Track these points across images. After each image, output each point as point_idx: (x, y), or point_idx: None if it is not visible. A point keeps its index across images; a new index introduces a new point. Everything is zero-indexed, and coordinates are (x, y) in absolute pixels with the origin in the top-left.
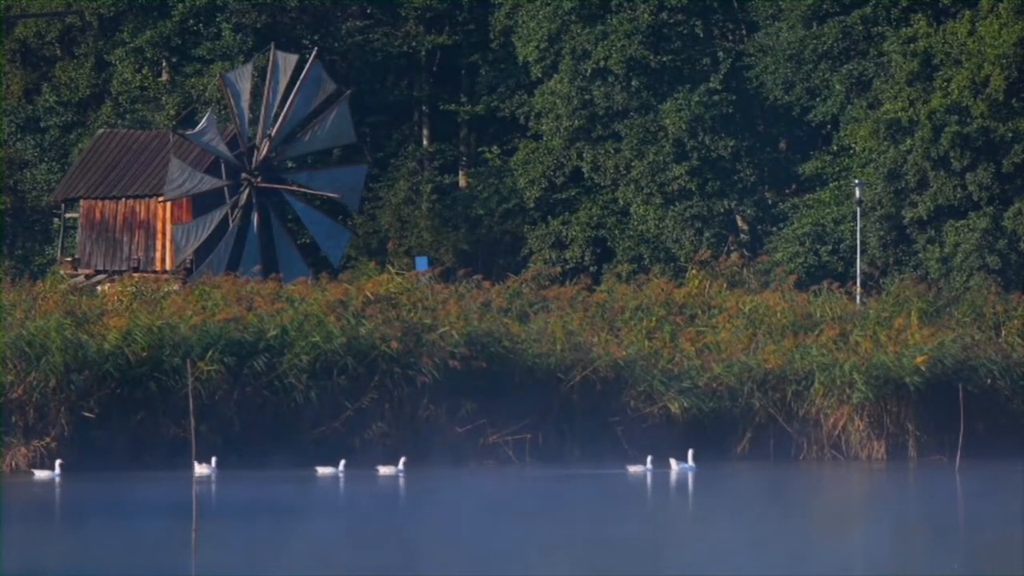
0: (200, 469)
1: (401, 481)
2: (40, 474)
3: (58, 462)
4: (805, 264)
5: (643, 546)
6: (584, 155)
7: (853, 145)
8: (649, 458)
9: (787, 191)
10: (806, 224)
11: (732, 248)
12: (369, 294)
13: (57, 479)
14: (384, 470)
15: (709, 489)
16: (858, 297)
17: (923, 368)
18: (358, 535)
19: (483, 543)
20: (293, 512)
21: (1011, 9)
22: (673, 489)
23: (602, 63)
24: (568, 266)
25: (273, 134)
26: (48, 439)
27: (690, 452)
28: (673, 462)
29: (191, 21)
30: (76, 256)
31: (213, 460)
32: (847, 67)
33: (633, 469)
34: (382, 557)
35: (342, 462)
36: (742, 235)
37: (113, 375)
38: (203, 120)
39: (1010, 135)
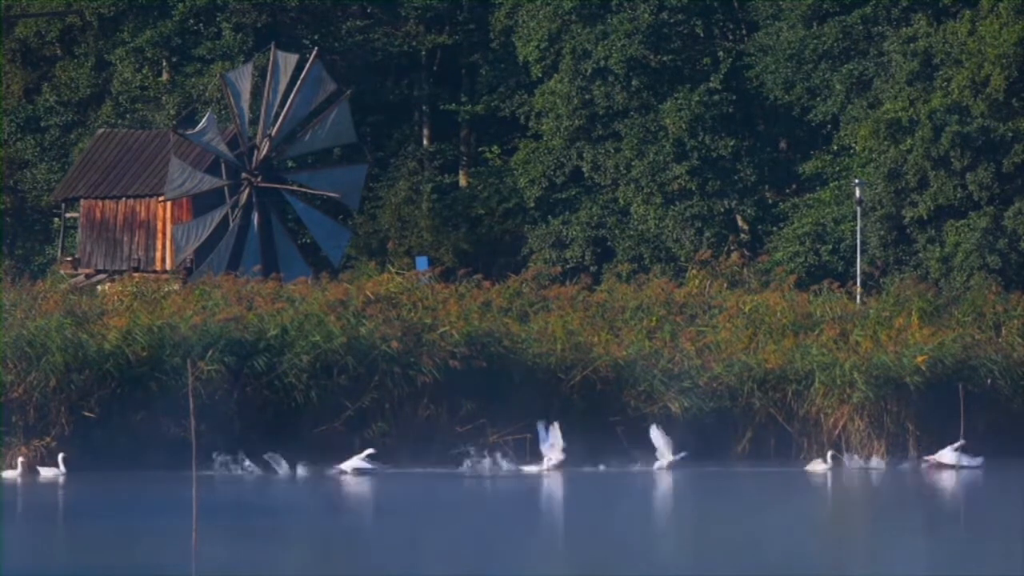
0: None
1: (549, 478)
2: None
3: (288, 455)
4: (805, 264)
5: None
6: (584, 155)
7: (853, 145)
8: (829, 454)
9: (787, 191)
10: (806, 224)
11: (732, 248)
12: (369, 294)
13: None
14: (528, 467)
15: (896, 490)
16: (858, 297)
17: (923, 368)
18: (561, 531)
19: (705, 544)
20: (454, 508)
21: (1011, 9)
22: (856, 488)
23: (602, 63)
24: (568, 266)
25: (273, 134)
26: (48, 439)
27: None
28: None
29: (191, 21)
30: (76, 256)
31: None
32: (847, 67)
33: (812, 468)
34: (600, 551)
35: (487, 460)
36: (742, 235)
37: (113, 375)
38: (203, 120)
39: (1010, 135)
